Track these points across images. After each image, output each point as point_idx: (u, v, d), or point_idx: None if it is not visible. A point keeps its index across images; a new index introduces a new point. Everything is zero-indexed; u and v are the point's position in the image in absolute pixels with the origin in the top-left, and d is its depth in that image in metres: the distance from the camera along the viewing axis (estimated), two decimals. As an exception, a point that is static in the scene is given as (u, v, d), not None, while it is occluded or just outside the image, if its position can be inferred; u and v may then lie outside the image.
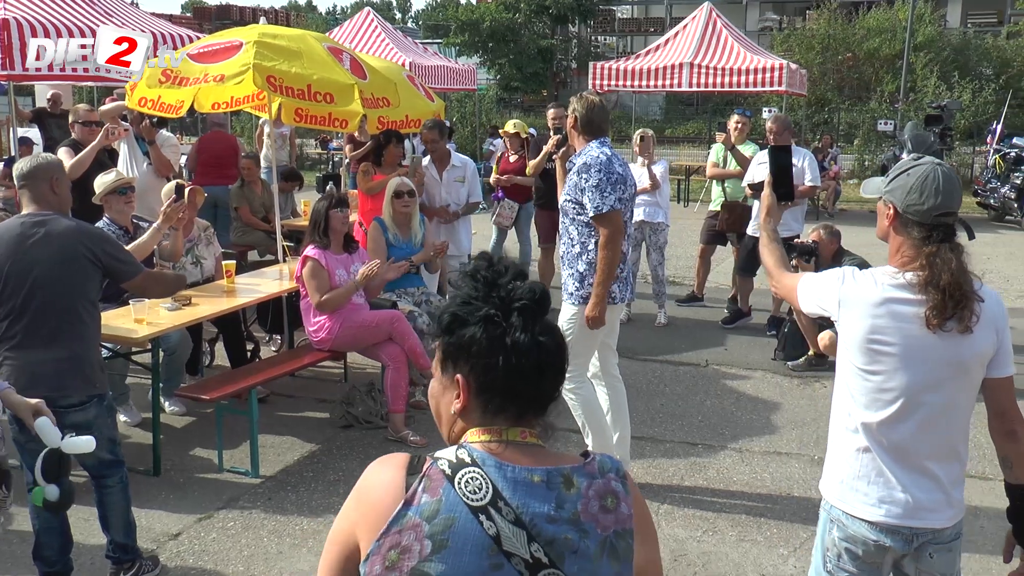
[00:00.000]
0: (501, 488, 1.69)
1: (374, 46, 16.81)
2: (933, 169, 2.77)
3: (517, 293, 1.76)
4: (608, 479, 1.78)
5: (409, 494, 1.69)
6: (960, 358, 2.72)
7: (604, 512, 1.75)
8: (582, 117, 5.22)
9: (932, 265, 2.67)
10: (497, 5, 38.85)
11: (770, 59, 17.46)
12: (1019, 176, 16.95)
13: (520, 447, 1.76)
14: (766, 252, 3.33)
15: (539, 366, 1.75)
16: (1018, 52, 28.16)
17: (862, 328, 2.76)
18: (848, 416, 2.87)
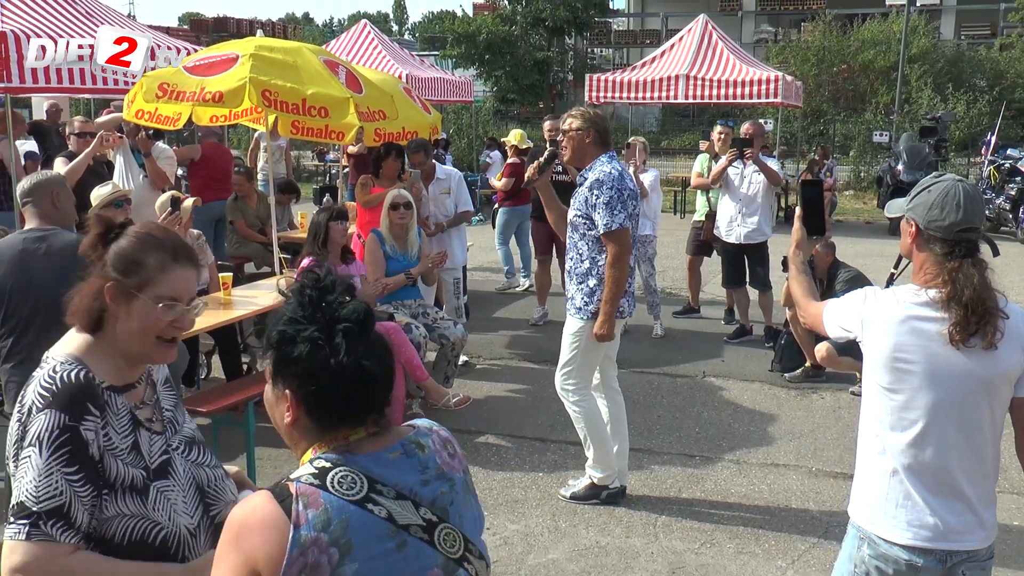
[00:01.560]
0: (373, 474, 1.76)
1: (371, 58, 16.82)
2: (954, 185, 2.77)
3: (342, 313, 1.79)
4: (436, 432, 1.94)
5: (294, 517, 1.69)
6: (986, 375, 2.69)
7: (452, 458, 1.91)
8: (601, 131, 5.21)
9: (954, 281, 2.67)
10: (493, 17, 38.96)
11: (766, 71, 17.50)
12: (1013, 187, 16.97)
13: (365, 440, 1.82)
14: (795, 284, 3.33)
15: (363, 387, 1.79)
16: (1011, 64, 28.29)
17: (886, 346, 2.75)
18: (875, 437, 2.85)
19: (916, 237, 2.81)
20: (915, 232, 2.82)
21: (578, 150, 5.23)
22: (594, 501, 5.50)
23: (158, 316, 2.20)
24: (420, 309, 7.26)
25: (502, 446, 6.47)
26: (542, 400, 7.36)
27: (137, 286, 2.19)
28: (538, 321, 9.81)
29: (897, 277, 8.27)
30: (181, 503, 2.22)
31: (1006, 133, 21.20)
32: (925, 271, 2.78)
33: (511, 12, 39.14)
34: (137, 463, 2.16)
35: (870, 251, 13.33)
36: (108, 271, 2.21)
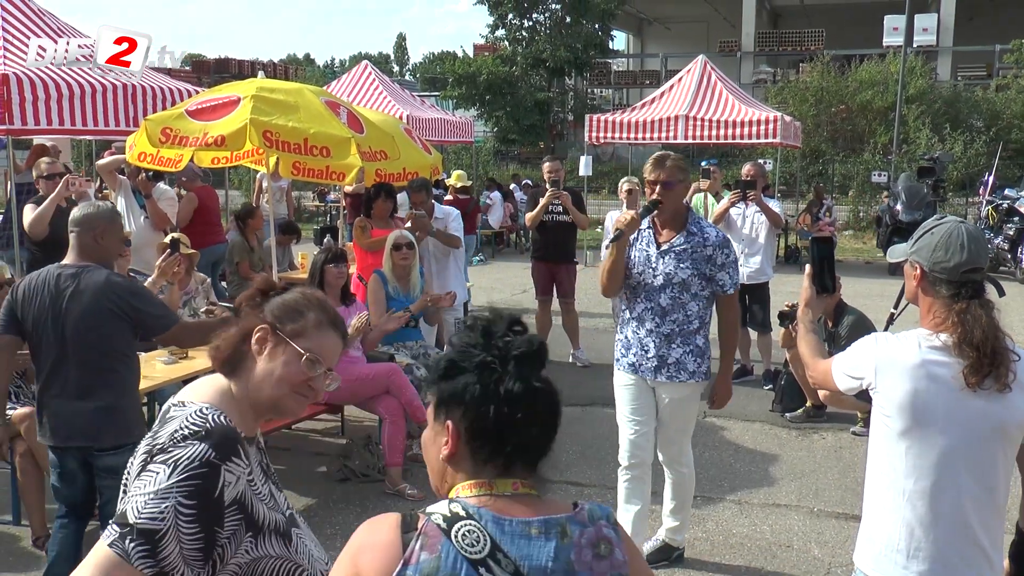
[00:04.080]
0: (499, 540, 1.68)
1: (372, 99, 16.94)
2: (957, 226, 2.77)
3: (515, 343, 1.77)
4: (599, 526, 1.78)
5: (407, 553, 1.68)
6: (1000, 419, 2.67)
7: (598, 559, 1.75)
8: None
9: (963, 323, 2.66)
10: (494, 58, 39.21)
11: (764, 111, 17.61)
12: (1012, 227, 17.02)
13: (513, 499, 1.76)
14: (803, 344, 3.29)
15: (532, 416, 1.76)
16: (1007, 105, 28.47)
17: (902, 391, 2.71)
18: (887, 484, 2.80)
19: (922, 280, 2.81)
20: (920, 275, 2.81)
21: (677, 202, 4.81)
22: (663, 563, 5.26)
23: (301, 368, 2.23)
24: (421, 350, 7.27)
25: (502, 487, 6.44)
26: (543, 440, 7.33)
27: (291, 333, 2.23)
28: (539, 361, 9.78)
29: (897, 317, 8.29)
30: (315, 549, 2.30)
31: (1003, 173, 21.29)
32: (934, 314, 2.77)
33: (511, 53, 39.40)
34: (276, 509, 2.20)
35: (870, 291, 13.32)
36: (263, 315, 2.26)
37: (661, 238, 4.79)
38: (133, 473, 2.08)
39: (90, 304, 4.12)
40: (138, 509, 1.97)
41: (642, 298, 4.84)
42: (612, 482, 6.48)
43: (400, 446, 6.33)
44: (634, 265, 4.82)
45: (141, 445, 2.12)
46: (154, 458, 2.03)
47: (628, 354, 4.97)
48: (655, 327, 4.82)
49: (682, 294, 4.76)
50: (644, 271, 4.79)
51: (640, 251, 4.82)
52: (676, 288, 4.75)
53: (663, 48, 46.61)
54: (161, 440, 2.06)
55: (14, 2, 9.38)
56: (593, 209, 19.75)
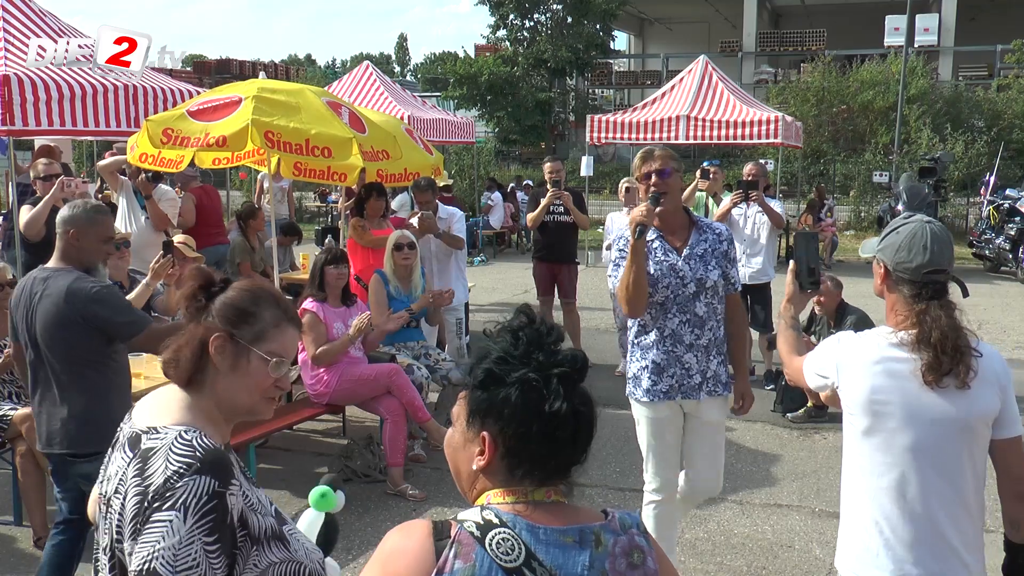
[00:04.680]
0: (534, 549, 1.67)
1: (373, 99, 16.94)
2: (922, 227, 2.77)
3: (558, 358, 1.74)
4: (631, 534, 1.77)
5: (441, 562, 1.67)
6: (963, 416, 2.66)
7: (631, 568, 1.73)
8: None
9: (922, 323, 2.67)
10: (495, 59, 39.22)
11: (766, 111, 17.60)
12: (1013, 227, 17.03)
13: (546, 507, 1.74)
14: (781, 340, 3.30)
15: (574, 436, 1.74)
16: (1008, 105, 28.44)
17: (862, 388, 2.73)
18: (857, 485, 2.81)
19: (886, 278, 2.83)
20: (884, 274, 2.83)
21: (678, 194, 4.49)
22: None
23: (268, 373, 2.17)
24: (422, 350, 7.27)
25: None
26: (544, 441, 7.33)
27: (251, 339, 2.15)
28: (540, 361, 9.79)
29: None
30: (306, 541, 2.24)
31: (1004, 173, 21.29)
32: (896, 312, 2.79)
33: (513, 53, 39.42)
34: (266, 513, 2.13)
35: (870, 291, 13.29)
36: (214, 322, 2.15)
37: (676, 243, 4.41)
38: (129, 518, 1.98)
39: (52, 311, 4.05)
40: (171, 565, 1.91)
41: (675, 311, 4.37)
42: (613, 483, 6.51)
43: (402, 446, 6.33)
44: (658, 279, 4.34)
45: (129, 485, 2.01)
46: (154, 504, 1.96)
47: (662, 379, 4.41)
48: (695, 340, 4.39)
49: (713, 298, 4.41)
50: (672, 282, 4.34)
51: (660, 262, 4.36)
52: (709, 293, 4.38)
53: (664, 48, 46.60)
54: (154, 481, 1.98)
55: (15, 2, 9.37)
56: (594, 209, 19.75)
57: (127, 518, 1.98)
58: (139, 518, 1.96)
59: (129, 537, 1.98)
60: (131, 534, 1.97)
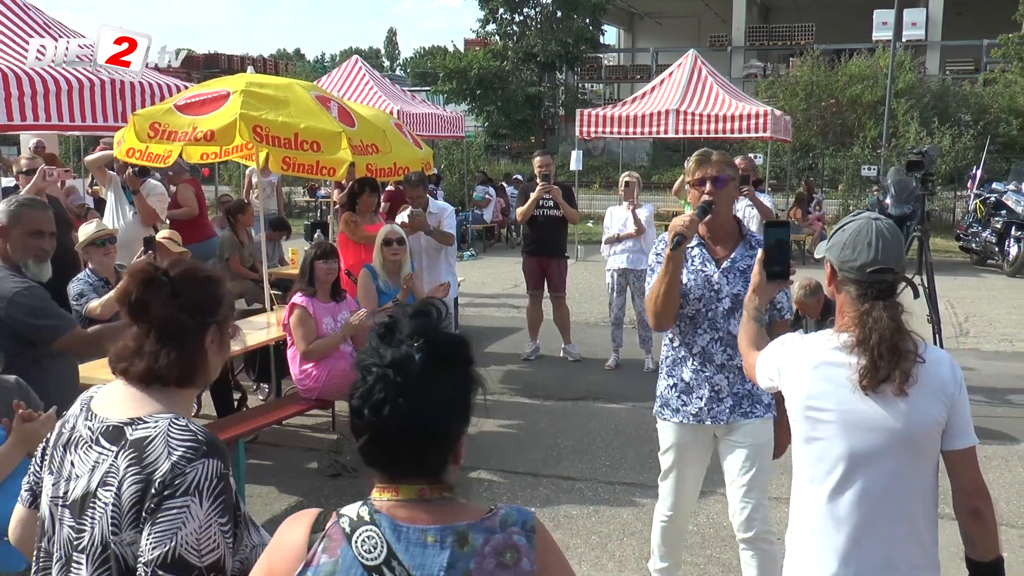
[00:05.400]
0: (395, 548, 1.67)
1: (362, 94, 16.91)
2: (867, 223, 2.64)
3: (391, 357, 1.70)
4: (509, 533, 1.72)
5: (310, 555, 1.70)
6: (901, 426, 2.52)
7: (501, 568, 1.68)
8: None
9: (863, 323, 2.53)
10: (485, 53, 39.22)
11: (755, 106, 17.65)
12: (999, 220, 17.12)
13: (417, 504, 1.72)
14: (742, 332, 3.16)
15: (390, 438, 1.70)
16: (995, 99, 28.56)
17: (800, 394, 2.63)
18: (799, 492, 2.72)
19: (832, 278, 2.71)
20: (830, 273, 2.71)
21: (730, 205, 4.17)
22: None
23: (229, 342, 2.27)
24: (411, 344, 7.26)
25: (494, 481, 6.45)
26: (534, 435, 7.35)
27: (225, 319, 2.24)
28: (530, 356, 9.82)
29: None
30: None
31: (991, 167, 21.37)
32: (843, 313, 2.65)
33: (502, 48, 39.45)
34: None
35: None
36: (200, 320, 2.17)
37: (717, 255, 4.06)
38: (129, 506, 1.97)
39: None
40: (196, 549, 1.93)
41: (706, 328, 4.05)
42: (602, 476, 6.53)
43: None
44: (691, 291, 4.03)
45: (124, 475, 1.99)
46: (165, 492, 1.95)
47: (691, 401, 4.13)
48: (727, 360, 4.04)
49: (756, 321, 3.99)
50: (705, 295, 4.02)
51: (695, 273, 4.04)
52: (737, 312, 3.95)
53: (654, 43, 46.62)
54: (159, 468, 1.97)
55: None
56: (584, 204, 19.74)
57: (125, 508, 1.97)
58: (144, 505, 1.96)
59: (129, 527, 1.97)
60: (131, 523, 1.96)
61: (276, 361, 7.41)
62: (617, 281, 9.38)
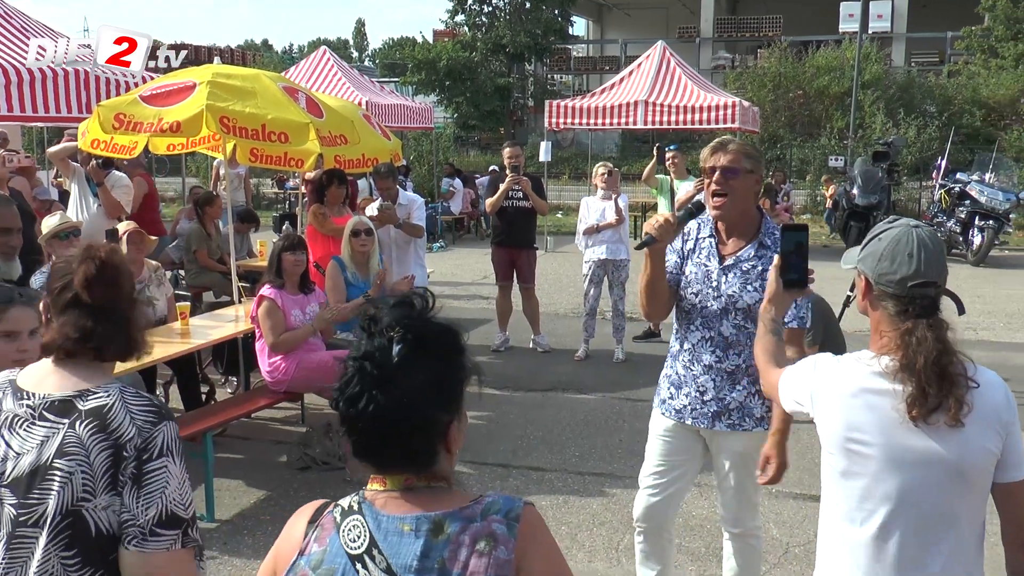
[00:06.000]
0: (376, 537, 1.69)
1: (330, 85, 16.83)
2: (907, 232, 2.39)
3: (364, 350, 1.71)
4: (489, 521, 1.70)
5: (304, 543, 1.74)
6: (955, 460, 2.27)
7: (476, 556, 1.67)
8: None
9: (906, 345, 2.28)
10: (454, 44, 39.14)
11: (723, 97, 17.73)
12: (963, 210, 17.34)
13: (404, 493, 1.73)
14: (759, 346, 2.88)
15: (370, 430, 1.71)
16: (958, 91, 28.92)
17: (837, 425, 2.38)
18: (833, 532, 2.46)
19: (867, 293, 2.46)
20: (865, 287, 2.46)
21: (744, 200, 3.77)
22: None
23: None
24: (380, 336, 7.24)
25: (464, 472, 6.45)
26: (504, 426, 7.36)
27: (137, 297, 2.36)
28: (499, 347, 9.82)
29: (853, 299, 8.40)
30: None
31: (955, 158, 21.60)
32: (880, 333, 2.40)
33: (471, 39, 39.37)
34: None
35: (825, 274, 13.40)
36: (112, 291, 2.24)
37: (725, 249, 3.81)
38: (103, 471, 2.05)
39: None
40: (181, 503, 2.10)
41: (698, 325, 3.86)
42: (572, 467, 6.55)
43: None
44: (690, 284, 3.84)
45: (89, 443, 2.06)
46: (143, 457, 2.08)
47: (678, 395, 3.97)
48: (716, 362, 3.85)
49: (747, 322, 3.73)
50: (703, 290, 3.81)
51: (698, 266, 3.83)
52: (740, 315, 3.76)
53: (622, 34, 46.72)
54: (125, 434, 2.08)
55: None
56: (553, 195, 19.77)
57: (98, 473, 2.06)
58: (119, 469, 2.06)
59: (105, 491, 2.06)
60: (107, 487, 2.06)
61: (244, 354, 7.37)
62: (595, 272, 9.38)
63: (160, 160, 25.38)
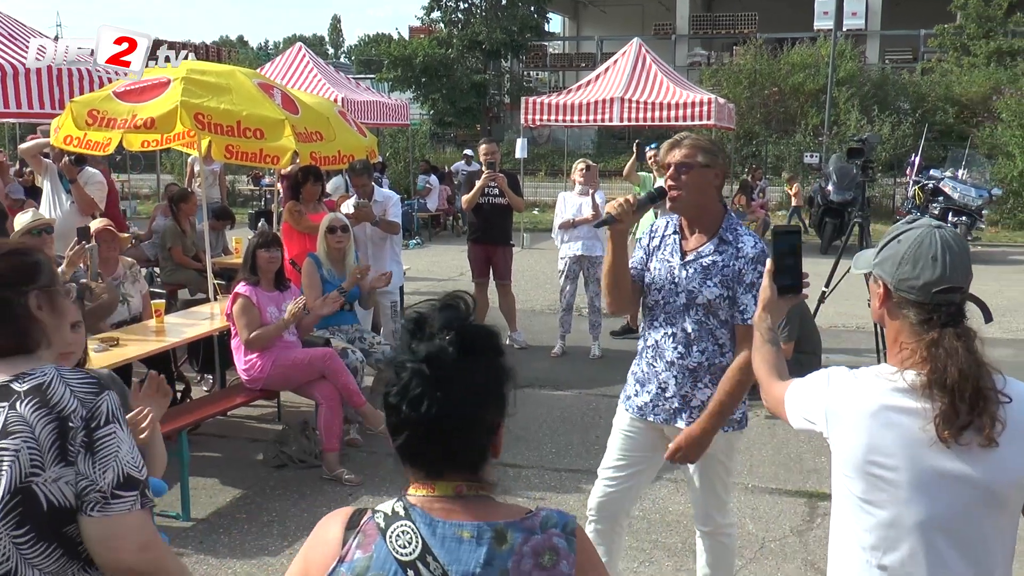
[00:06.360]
0: (431, 543, 1.67)
1: (306, 81, 16.75)
2: (929, 233, 2.19)
3: (424, 352, 1.70)
4: (549, 535, 1.72)
5: (344, 550, 1.69)
6: (988, 482, 2.08)
7: (539, 570, 1.68)
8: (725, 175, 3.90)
9: (934, 357, 2.09)
10: (430, 40, 39.06)
11: (699, 94, 17.78)
12: (936, 206, 17.46)
13: (455, 500, 1.72)
14: (758, 358, 2.69)
15: (429, 432, 1.69)
16: (932, 88, 29.13)
17: (857, 446, 2.17)
18: (849, 561, 2.26)
19: (885, 300, 2.25)
20: (883, 294, 2.25)
21: (702, 195, 3.72)
22: None
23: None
24: (357, 334, 7.23)
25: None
26: (481, 423, 7.35)
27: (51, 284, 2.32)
28: (476, 344, 9.80)
29: (828, 295, 8.45)
30: None
31: (929, 154, 21.75)
32: (901, 344, 2.20)
33: (447, 35, 39.31)
34: None
35: (802, 270, 13.55)
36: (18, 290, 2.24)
37: (687, 245, 3.81)
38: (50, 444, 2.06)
39: None
40: (135, 466, 2.14)
41: (662, 321, 3.86)
42: (549, 463, 6.55)
43: (337, 431, 6.29)
44: (654, 280, 3.86)
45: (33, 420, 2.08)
46: (91, 425, 2.10)
47: (642, 392, 3.95)
48: (678, 358, 3.82)
49: (709, 318, 3.76)
50: (665, 287, 3.82)
51: (662, 262, 3.85)
52: (701, 310, 3.76)
53: (598, 31, 46.74)
54: (67, 407, 2.09)
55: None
56: (529, 192, 19.77)
57: (46, 447, 2.06)
58: (67, 440, 2.08)
59: (55, 463, 2.07)
60: (56, 459, 2.07)
61: (220, 352, 7.33)
62: (571, 268, 9.39)
63: (135, 157, 25.19)
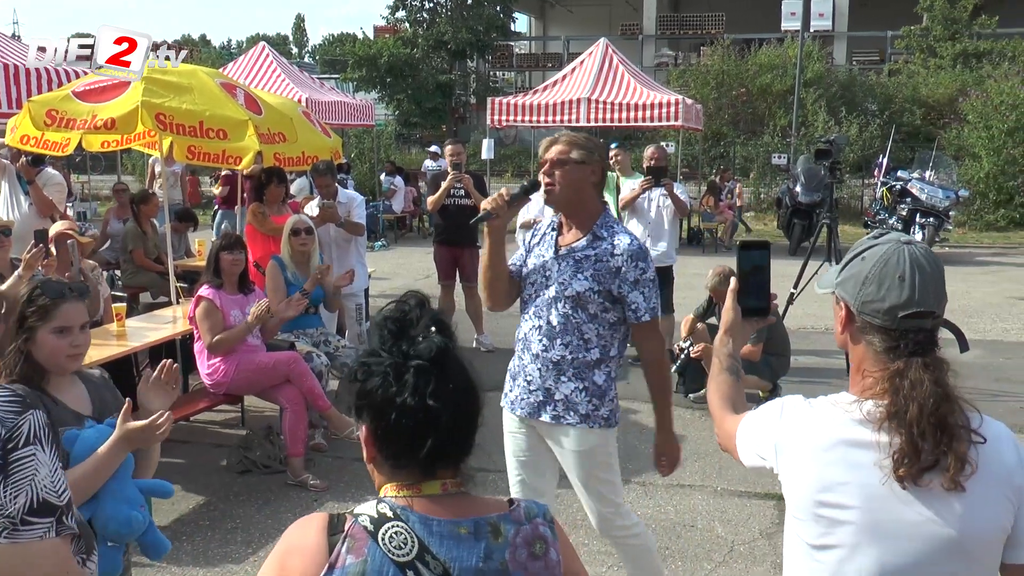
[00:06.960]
0: (428, 542, 1.65)
1: (269, 81, 16.61)
2: (897, 250, 1.94)
3: (416, 350, 1.71)
4: (535, 524, 1.76)
5: (333, 557, 1.64)
6: (954, 532, 1.84)
7: (533, 559, 1.72)
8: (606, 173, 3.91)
9: (896, 390, 1.86)
10: (395, 40, 38.89)
11: (666, 94, 17.82)
12: (904, 207, 17.61)
13: (440, 499, 1.72)
14: (712, 387, 2.41)
15: (428, 430, 1.69)
16: (899, 89, 29.35)
17: (807, 484, 1.94)
18: None
19: (847, 324, 2.01)
20: (846, 317, 2.01)
21: (576, 191, 3.72)
22: None
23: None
24: (322, 337, 7.14)
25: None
26: (448, 426, 7.29)
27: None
28: (442, 346, 9.73)
29: (797, 297, 8.45)
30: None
31: (896, 155, 21.93)
32: (864, 372, 1.97)
33: (412, 35, 39.16)
34: None
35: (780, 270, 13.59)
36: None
37: (563, 240, 3.82)
38: None
39: None
40: (54, 491, 2.00)
41: (531, 314, 3.86)
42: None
43: (302, 436, 6.20)
44: (529, 275, 3.87)
45: None
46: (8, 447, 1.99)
47: (514, 387, 3.98)
48: (542, 351, 3.82)
49: (576, 312, 3.74)
50: (537, 280, 3.83)
51: (538, 257, 3.85)
52: (569, 303, 3.74)
53: (565, 31, 46.71)
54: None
55: None
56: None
57: None
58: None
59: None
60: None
61: (183, 356, 7.20)
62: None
63: (95, 157, 24.88)
